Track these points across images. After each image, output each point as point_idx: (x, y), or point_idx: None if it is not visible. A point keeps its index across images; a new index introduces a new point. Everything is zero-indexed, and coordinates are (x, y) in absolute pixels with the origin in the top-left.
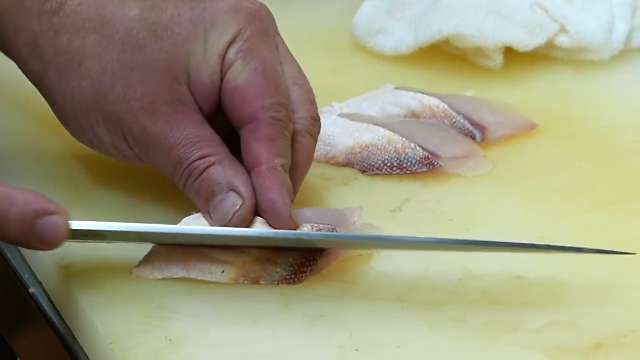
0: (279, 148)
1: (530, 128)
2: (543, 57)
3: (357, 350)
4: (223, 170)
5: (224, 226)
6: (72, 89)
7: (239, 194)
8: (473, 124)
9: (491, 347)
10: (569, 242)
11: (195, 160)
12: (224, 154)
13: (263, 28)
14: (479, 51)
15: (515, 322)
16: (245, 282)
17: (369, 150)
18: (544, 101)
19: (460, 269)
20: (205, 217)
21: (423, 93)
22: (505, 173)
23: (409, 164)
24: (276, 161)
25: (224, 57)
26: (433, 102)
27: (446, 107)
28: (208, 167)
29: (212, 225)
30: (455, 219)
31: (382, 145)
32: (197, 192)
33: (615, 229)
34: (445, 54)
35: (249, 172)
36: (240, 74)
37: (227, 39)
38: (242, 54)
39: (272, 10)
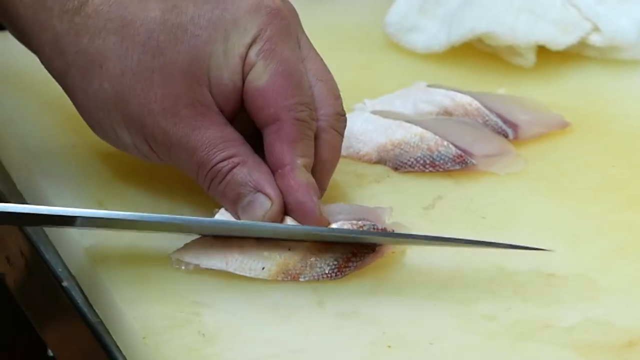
0: (302, 148)
1: (562, 126)
2: (575, 55)
3: (389, 346)
4: (248, 171)
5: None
6: (94, 90)
7: (266, 194)
8: (505, 122)
9: (523, 344)
10: (601, 240)
11: (218, 162)
12: (247, 154)
13: (284, 26)
14: (511, 49)
15: (547, 320)
16: (285, 279)
17: (401, 147)
18: (575, 99)
19: (492, 267)
20: (237, 218)
21: (455, 91)
22: (537, 171)
23: (441, 161)
24: (299, 161)
25: (244, 58)
26: (465, 99)
27: (479, 104)
28: (232, 168)
29: None
30: (488, 216)
31: (414, 142)
32: (223, 194)
33: None
34: (477, 52)
35: (272, 173)
36: (262, 75)
37: (247, 39)
38: (263, 54)
39: (304, 6)
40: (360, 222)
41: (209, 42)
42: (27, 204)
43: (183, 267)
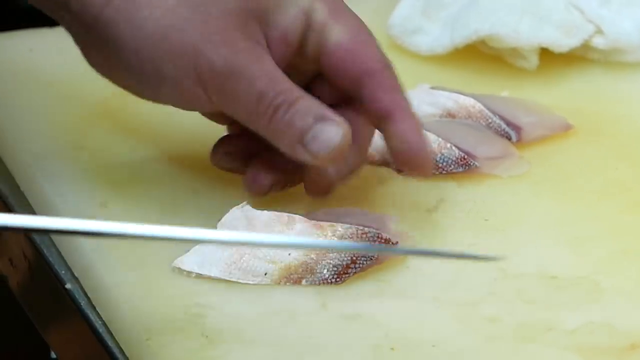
0: (406, 97)
1: (566, 129)
2: (578, 58)
3: (392, 349)
4: (312, 101)
5: (325, 158)
6: (141, 18)
7: (336, 122)
8: (508, 124)
9: (526, 347)
10: (604, 242)
11: (283, 90)
12: (303, 91)
13: None
14: (514, 52)
15: (549, 323)
16: (287, 284)
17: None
18: (579, 102)
19: (494, 269)
20: (298, 152)
21: (458, 93)
22: (540, 173)
23: (444, 163)
24: (409, 108)
25: (309, 16)
26: (469, 102)
27: (482, 107)
28: (297, 98)
29: (307, 159)
30: (491, 219)
31: None
32: (289, 124)
33: None
34: (480, 54)
35: (379, 124)
36: (341, 32)
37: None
38: (332, 14)
39: None
40: (365, 229)
41: None
42: (30, 206)
43: (185, 275)
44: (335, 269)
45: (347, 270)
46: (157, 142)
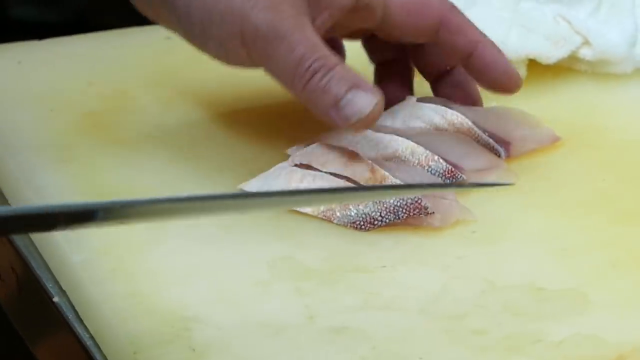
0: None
1: (553, 140)
2: (566, 69)
3: None
4: (348, 69)
5: (356, 124)
6: None
7: (369, 91)
8: (497, 140)
9: (513, 359)
10: (592, 254)
11: (322, 56)
12: (340, 59)
13: None
14: None
15: (537, 335)
16: (323, 217)
17: (392, 161)
18: (566, 113)
19: (482, 281)
20: (331, 117)
21: (446, 105)
22: (527, 185)
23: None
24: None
25: None
26: (456, 118)
27: (470, 124)
28: (335, 64)
29: (339, 124)
30: (478, 231)
31: (405, 156)
32: (325, 89)
33: (638, 241)
34: None
35: (466, 58)
36: None
37: None
38: None
39: None
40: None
41: None
42: None
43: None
44: (364, 216)
45: (373, 222)
46: (145, 155)
